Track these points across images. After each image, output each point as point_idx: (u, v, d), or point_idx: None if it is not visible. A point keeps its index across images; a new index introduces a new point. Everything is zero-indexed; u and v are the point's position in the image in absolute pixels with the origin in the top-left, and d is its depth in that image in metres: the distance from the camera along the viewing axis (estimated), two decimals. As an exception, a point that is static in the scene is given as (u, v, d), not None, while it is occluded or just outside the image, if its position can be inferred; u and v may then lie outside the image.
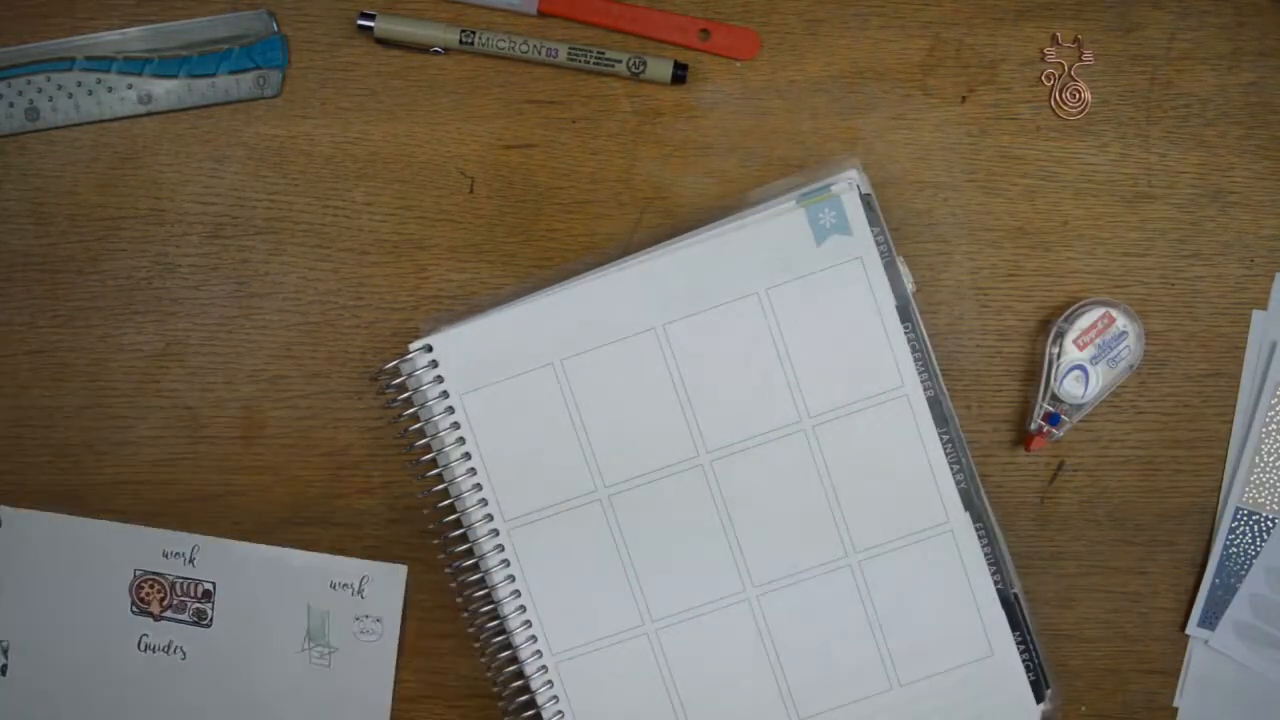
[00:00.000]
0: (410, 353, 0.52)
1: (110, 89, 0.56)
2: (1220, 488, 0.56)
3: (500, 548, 0.52)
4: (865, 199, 0.52)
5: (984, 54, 0.56)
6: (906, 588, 0.52)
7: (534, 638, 0.52)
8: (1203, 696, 0.57)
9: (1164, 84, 0.56)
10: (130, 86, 0.56)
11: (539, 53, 0.55)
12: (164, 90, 0.56)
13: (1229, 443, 0.56)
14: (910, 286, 0.52)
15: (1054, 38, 0.56)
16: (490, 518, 0.52)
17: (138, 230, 0.56)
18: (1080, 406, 0.55)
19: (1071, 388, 0.54)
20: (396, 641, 0.56)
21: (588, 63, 0.55)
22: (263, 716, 0.57)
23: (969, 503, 0.52)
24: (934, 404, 0.52)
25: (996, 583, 0.52)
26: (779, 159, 0.56)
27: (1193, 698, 0.57)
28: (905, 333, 0.52)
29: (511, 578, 0.52)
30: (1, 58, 0.56)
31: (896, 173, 0.56)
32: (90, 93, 0.56)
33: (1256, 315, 0.56)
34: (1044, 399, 0.55)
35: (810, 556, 0.52)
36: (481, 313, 0.53)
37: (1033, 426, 0.55)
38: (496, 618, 0.52)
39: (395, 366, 0.53)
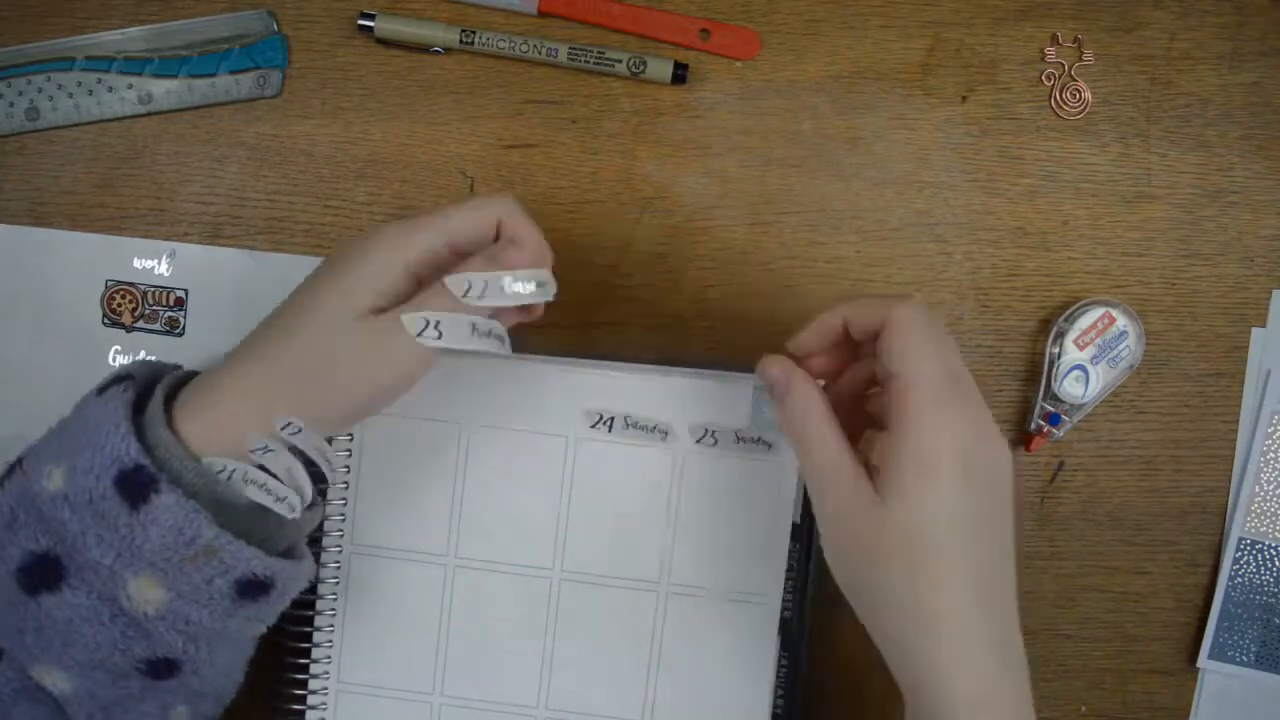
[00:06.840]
0: None
1: (110, 89, 0.56)
2: (1220, 489, 0.56)
3: (338, 565, 0.52)
4: None
5: (984, 54, 0.56)
6: None
7: (329, 659, 0.52)
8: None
9: (1164, 84, 0.56)
10: (130, 86, 0.56)
11: (539, 53, 0.55)
12: (164, 90, 0.56)
13: (1232, 464, 0.56)
14: None
15: (1054, 37, 0.56)
16: (341, 533, 0.52)
17: (138, 230, 0.56)
18: (1080, 406, 0.55)
19: (1072, 388, 0.54)
20: None
21: (588, 63, 0.55)
22: None
23: None
24: (785, 625, 0.51)
25: None
26: (779, 159, 0.56)
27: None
28: (791, 551, 0.51)
29: (335, 595, 0.52)
30: (1, 58, 0.56)
31: (897, 173, 0.56)
32: (90, 92, 0.56)
33: (1256, 333, 0.56)
34: (1044, 399, 0.55)
35: (609, 707, 0.52)
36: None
37: (1033, 426, 0.55)
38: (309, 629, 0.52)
39: None
